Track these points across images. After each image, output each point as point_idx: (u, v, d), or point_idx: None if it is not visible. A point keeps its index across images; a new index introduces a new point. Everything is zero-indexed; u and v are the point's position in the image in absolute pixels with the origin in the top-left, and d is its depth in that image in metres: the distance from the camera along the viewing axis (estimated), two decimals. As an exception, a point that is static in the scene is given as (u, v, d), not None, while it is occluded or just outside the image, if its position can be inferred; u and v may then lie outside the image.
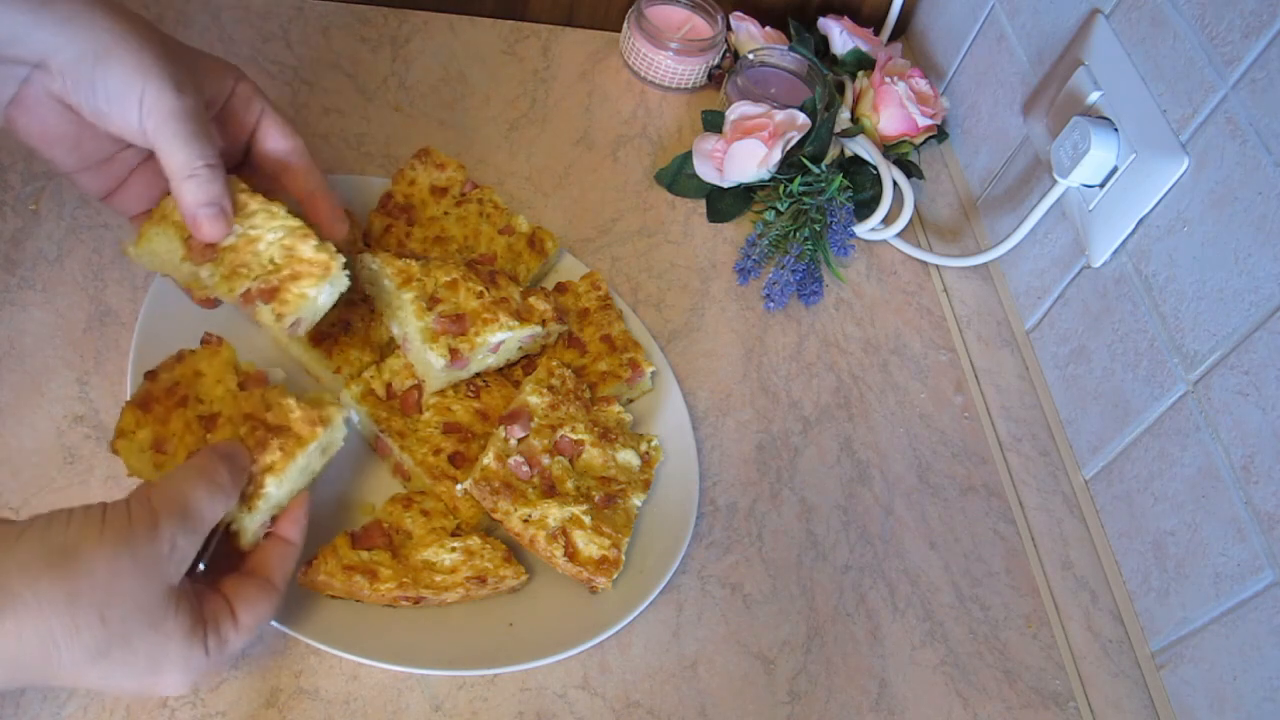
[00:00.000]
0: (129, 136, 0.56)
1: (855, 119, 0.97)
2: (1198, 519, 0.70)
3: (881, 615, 0.73)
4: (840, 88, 0.99)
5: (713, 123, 0.96)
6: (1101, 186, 0.79)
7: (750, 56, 0.98)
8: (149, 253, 0.61)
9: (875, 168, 0.94)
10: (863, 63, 1.01)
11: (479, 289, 0.71)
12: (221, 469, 0.54)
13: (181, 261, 0.61)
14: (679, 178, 0.93)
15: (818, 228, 0.89)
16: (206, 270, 0.61)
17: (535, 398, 0.70)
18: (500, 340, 0.70)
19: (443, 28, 0.98)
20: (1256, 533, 0.66)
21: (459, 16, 0.99)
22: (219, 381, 0.60)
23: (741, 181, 0.91)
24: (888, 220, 0.93)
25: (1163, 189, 0.74)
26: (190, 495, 0.52)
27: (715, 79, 1.01)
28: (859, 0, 1.07)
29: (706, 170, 0.92)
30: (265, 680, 0.61)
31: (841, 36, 1.01)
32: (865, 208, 0.93)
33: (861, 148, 0.94)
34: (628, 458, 0.71)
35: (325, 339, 0.71)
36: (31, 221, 0.74)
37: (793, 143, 0.91)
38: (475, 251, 0.79)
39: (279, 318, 0.60)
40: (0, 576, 0.46)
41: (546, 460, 0.69)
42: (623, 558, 0.66)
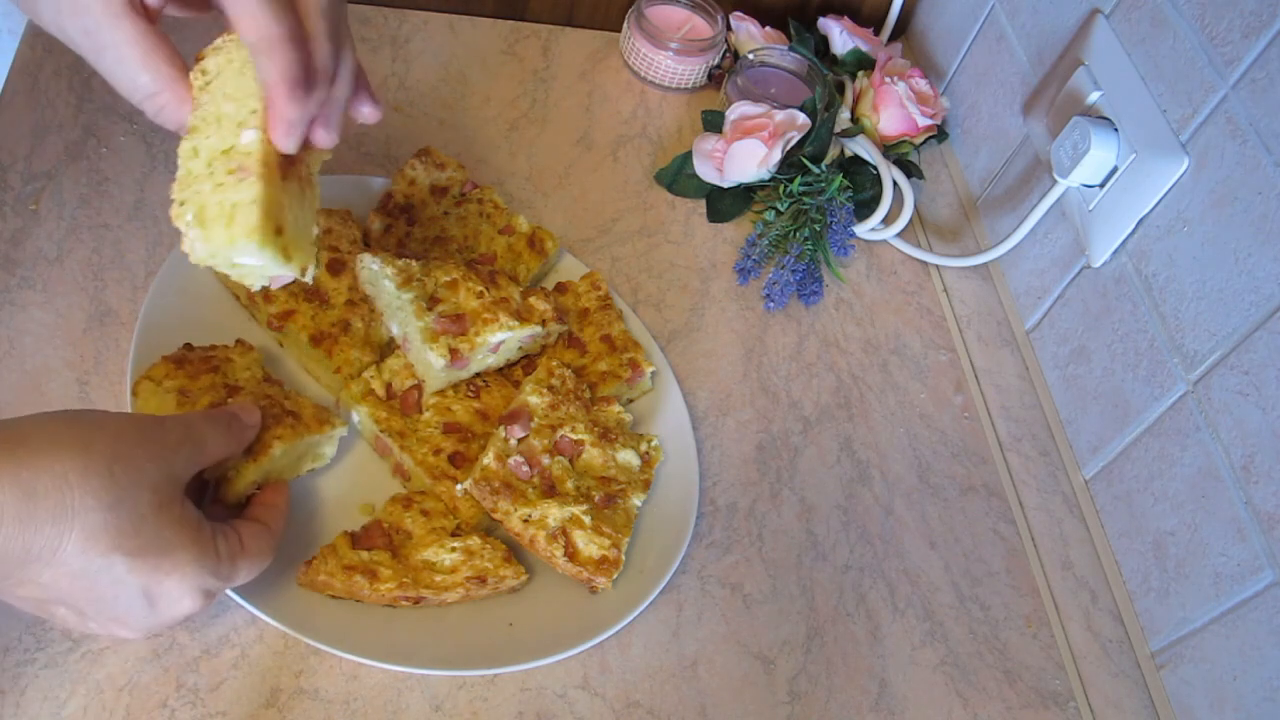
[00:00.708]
0: None
1: (855, 119, 0.97)
2: (1198, 519, 0.70)
3: (881, 615, 0.73)
4: (840, 88, 0.99)
5: (713, 123, 0.96)
6: (1101, 186, 0.79)
7: (750, 56, 0.98)
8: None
9: (875, 168, 0.94)
10: (863, 63, 1.01)
11: (479, 289, 0.71)
12: (236, 419, 0.59)
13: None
14: (679, 178, 0.93)
15: (818, 228, 0.89)
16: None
17: (535, 398, 0.70)
18: (500, 340, 0.70)
19: (443, 28, 0.98)
20: (1256, 533, 0.66)
21: (459, 16, 0.99)
22: (247, 369, 0.66)
23: (741, 181, 0.91)
24: (888, 220, 0.93)
25: (1163, 189, 0.74)
26: (197, 421, 0.57)
27: (715, 79, 1.01)
28: (859, 0, 1.07)
29: (706, 170, 0.92)
30: (265, 680, 0.61)
31: (841, 36, 1.01)
32: (865, 208, 0.93)
33: (861, 148, 0.94)
34: (628, 458, 0.71)
35: (325, 339, 0.71)
36: (31, 221, 0.74)
37: (793, 143, 0.91)
38: (475, 251, 0.79)
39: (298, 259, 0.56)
40: (15, 425, 0.49)
41: (546, 460, 0.69)
42: (623, 558, 0.66)
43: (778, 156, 0.90)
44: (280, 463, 0.63)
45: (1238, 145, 0.68)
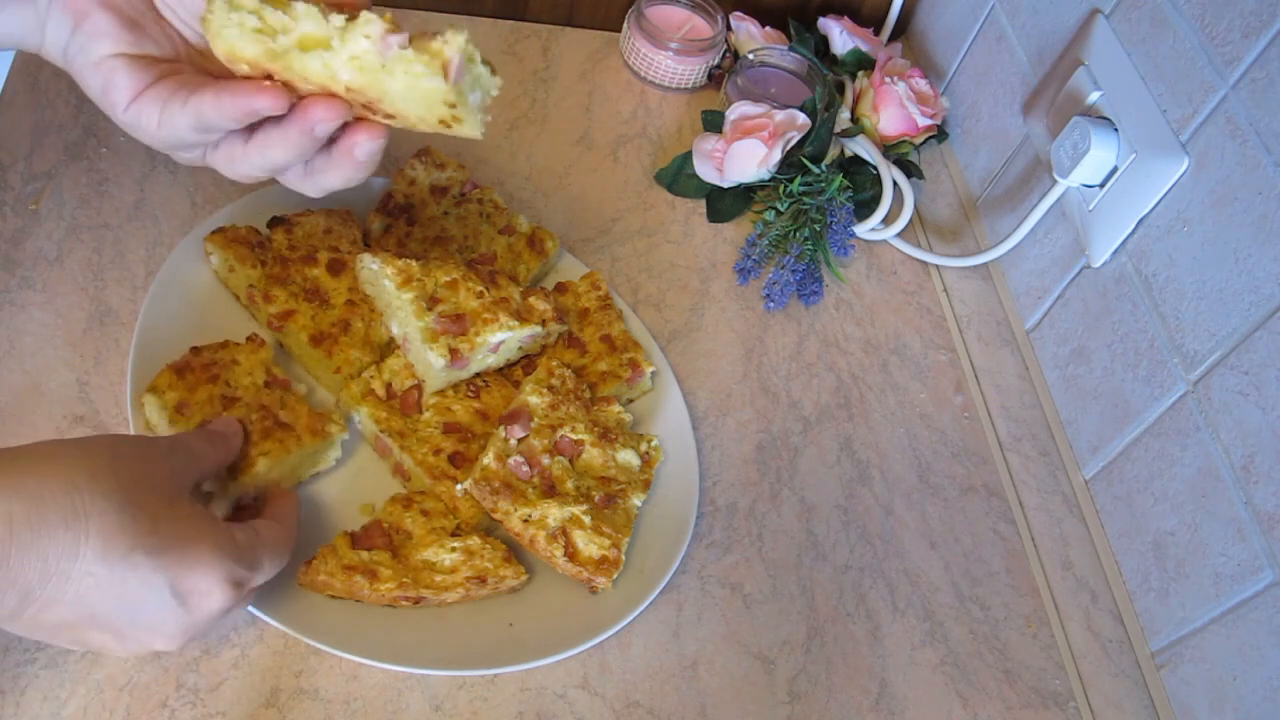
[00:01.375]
0: None
1: (855, 119, 0.97)
2: (1198, 519, 0.70)
3: (881, 615, 0.73)
4: (840, 88, 0.99)
5: (713, 123, 0.96)
6: (1101, 186, 0.79)
7: (750, 56, 0.98)
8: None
9: (875, 168, 0.94)
10: (863, 63, 1.01)
11: (479, 289, 0.71)
12: (217, 433, 0.61)
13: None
14: (679, 178, 0.93)
15: (818, 228, 0.89)
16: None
17: (535, 398, 0.70)
18: (500, 340, 0.70)
19: (443, 28, 0.97)
20: (1256, 533, 0.66)
21: (459, 17, 0.99)
22: (250, 374, 0.66)
23: (741, 181, 0.91)
24: (888, 220, 0.93)
25: (1163, 189, 0.74)
26: (183, 436, 0.59)
27: (715, 79, 1.01)
28: (859, 0, 1.07)
29: (706, 170, 0.92)
30: (265, 680, 0.61)
31: (841, 36, 1.01)
32: (865, 208, 0.93)
33: (861, 148, 0.94)
34: (628, 458, 0.71)
35: (325, 339, 0.71)
36: (31, 221, 0.74)
37: (793, 143, 0.91)
38: (475, 251, 0.79)
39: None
40: (13, 449, 0.49)
41: (546, 460, 0.69)
42: (623, 558, 0.66)
43: (778, 156, 0.90)
44: (274, 474, 0.64)
45: (1238, 145, 0.68)
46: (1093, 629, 0.76)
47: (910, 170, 0.96)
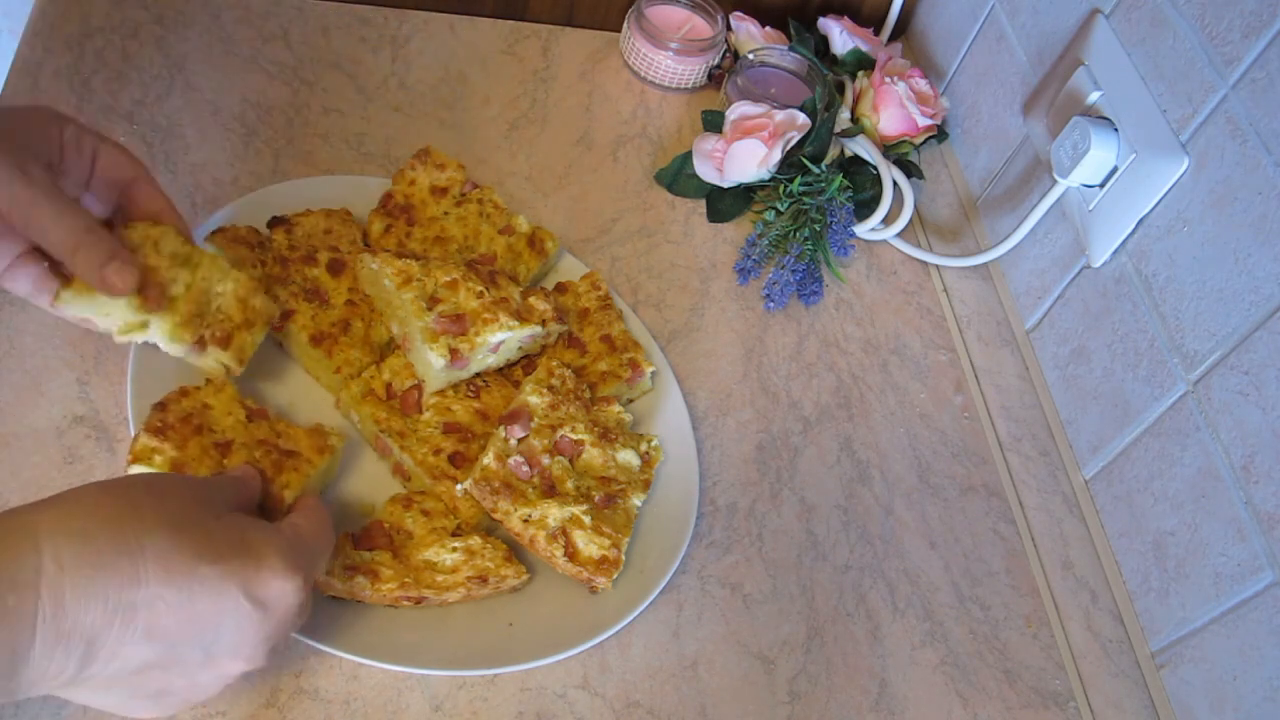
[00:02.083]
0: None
1: (855, 119, 0.97)
2: (1198, 519, 0.70)
3: (881, 615, 0.73)
4: (840, 88, 0.99)
5: (713, 123, 0.96)
6: (1101, 186, 0.79)
7: (750, 56, 0.98)
8: (86, 300, 0.59)
9: (875, 168, 0.94)
10: (863, 63, 1.01)
11: (479, 289, 0.71)
12: (240, 480, 0.59)
13: (135, 312, 0.60)
14: (679, 178, 0.93)
15: (818, 228, 0.89)
16: (156, 319, 0.61)
17: (535, 398, 0.70)
18: (500, 340, 0.70)
19: (443, 28, 0.98)
20: (1256, 533, 0.66)
21: (459, 16, 0.99)
22: (229, 413, 0.64)
23: (741, 181, 0.91)
24: (888, 220, 0.93)
25: (1163, 189, 0.74)
26: (207, 478, 0.58)
27: (715, 79, 1.01)
28: (859, 0, 1.07)
29: (706, 170, 0.92)
30: (265, 680, 0.61)
31: (841, 36, 1.01)
32: (865, 208, 0.93)
33: (861, 148, 0.94)
34: (628, 457, 0.71)
35: (325, 339, 0.71)
36: (31, 221, 0.74)
37: (793, 143, 0.91)
38: (475, 251, 0.79)
39: (240, 363, 0.65)
40: (53, 498, 0.48)
41: (546, 460, 0.69)
42: (623, 558, 0.66)
43: (778, 156, 0.90)
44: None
45: (1238, 145, 0.68)
46: (1093, 629, 0.76)
47: (910, 170, 0.96)
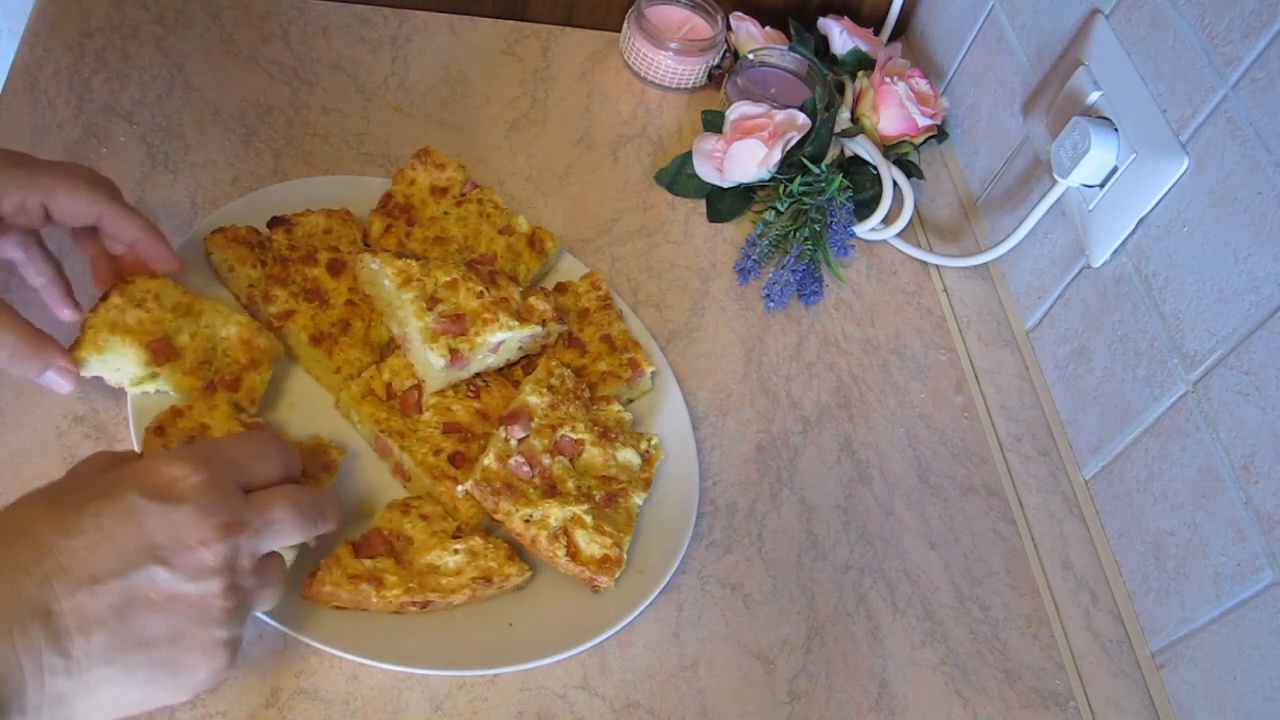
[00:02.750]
0: None
1: (855, 119, 0.97)
2: (1198, 519, 0.70)
3: (881, 615, 0.73)
4: (840, 88, 0.99)
5: (713, 123, 0.96)
6: (1101, 186, 0.79)
7: (750, 56, 0.98)
8: (95, 361, 0.64)
9: (875, 168, 0.94)
10: (863, 63, 1.01)
11: (479, 289, 0.71)
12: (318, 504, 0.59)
13: (144, 366, 0.65)
14: (679, 178, 0.93)
15: (818, 228, 0.89)
16: (165, 370, 0.66)
17: (535, 398, 0.70)
18: (500, 340, 0.70)
19: (443, 28, 0.98)
20: (1256, 533, 0.66)
21: (459, 16, 0.99)
22: (226, 430, 0.63)
23: (741, 181, 0.91)
24: (888, 220, 0.93)
25: (1163, 189, 0.74)
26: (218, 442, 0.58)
27: (715, 79, 1.01)
28: (859, 0, 1.07)
29: (706, 170, 0.92)
30: (265, 680, 0.61)
31: (841, 36, 1.01)
32: (865, 208, 0.93)
33: (861, 148, 0.94)
34: (628, 456, 0.71)
35: (325, 339, 0.71)
36: (31, 221, 0.74)
37: (793, 143, 0.91)
38: (475, 251, 0.79)
39: (252, 404, 0.67)
40: None
41: (547, 460, 0.69)
42: (625, 556, 0.66)
43: (778, 156, 0.90)
44: None
45: (1238, 145, 0.68)
46: (1093, 629, 0.76)
47: (910, 170, 0.96)
